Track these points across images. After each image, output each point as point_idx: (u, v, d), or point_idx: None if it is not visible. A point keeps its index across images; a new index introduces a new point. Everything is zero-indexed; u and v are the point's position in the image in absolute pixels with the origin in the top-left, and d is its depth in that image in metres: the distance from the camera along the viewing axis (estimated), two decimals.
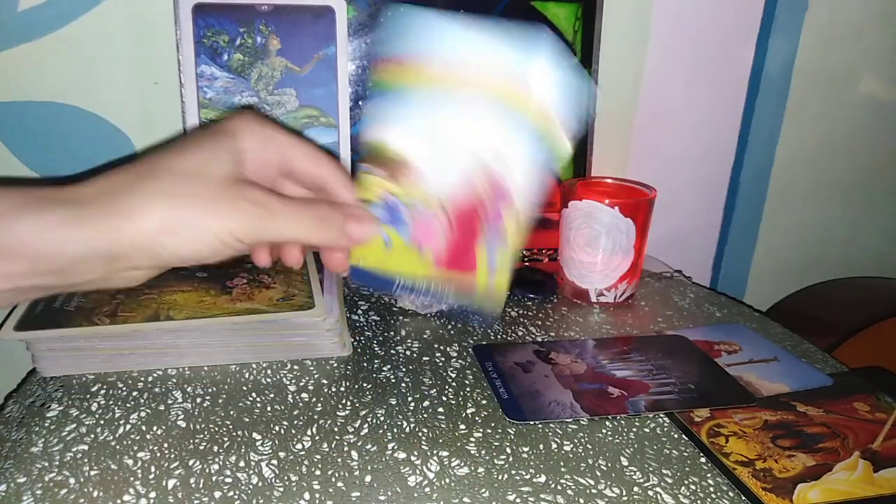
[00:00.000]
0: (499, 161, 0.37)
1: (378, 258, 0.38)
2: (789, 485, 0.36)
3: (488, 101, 0.36)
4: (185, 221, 0.31)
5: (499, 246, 0.38)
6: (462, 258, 0.38)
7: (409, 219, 0.38)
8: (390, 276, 0.39)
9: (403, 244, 0.38)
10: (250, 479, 0.34)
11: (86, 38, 0.58)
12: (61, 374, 0.43)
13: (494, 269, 0.38)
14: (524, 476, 0.35)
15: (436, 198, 0.38)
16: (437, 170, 0.37)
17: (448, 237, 0.38)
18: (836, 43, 0.76)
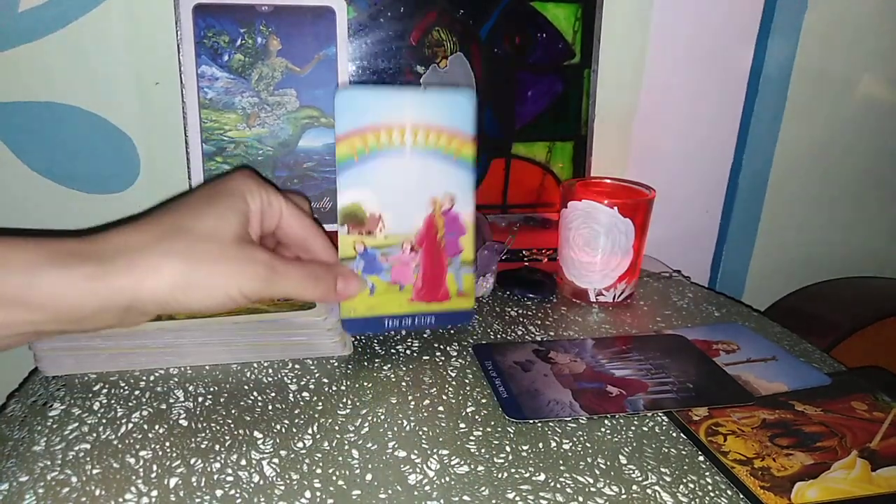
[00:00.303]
0: (451, 197, 0.47)
1: (366, 305, 0.46)
2: (787, 483, 0.36)
3: (432, 152, 0.46)
4: (199, 280, 0.35)
5: (462, 271, 0.48)
6: (436, 289, 0.48)
7: (386, 263, 0.46)
8: (379, 319, 0.47)
9: (385, 286, 0.46)
10: (252, 477, 0.34)
11: (86, 39, 0.59)
12: (63, 374, 0.43)
13: (462, 291, 0.48)
14: (524, 474, 0.36)
15: (405, 240, 0.46)
16: (403, 217, 0.46)
17: (420, 272, 0.47)
18: (836, 43, 0.76)
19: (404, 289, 0.47)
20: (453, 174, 0.47)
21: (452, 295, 0.48)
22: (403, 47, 0.63)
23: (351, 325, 0.47)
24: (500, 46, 0.65)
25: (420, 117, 0.45)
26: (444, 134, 0.46)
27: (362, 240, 0.45)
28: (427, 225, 0.47)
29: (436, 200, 0.46)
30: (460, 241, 0.47)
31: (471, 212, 0.47)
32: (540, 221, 0.69)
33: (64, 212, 0.63)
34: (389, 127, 0.45)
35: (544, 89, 0.67)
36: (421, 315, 0.48)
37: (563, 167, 0.70)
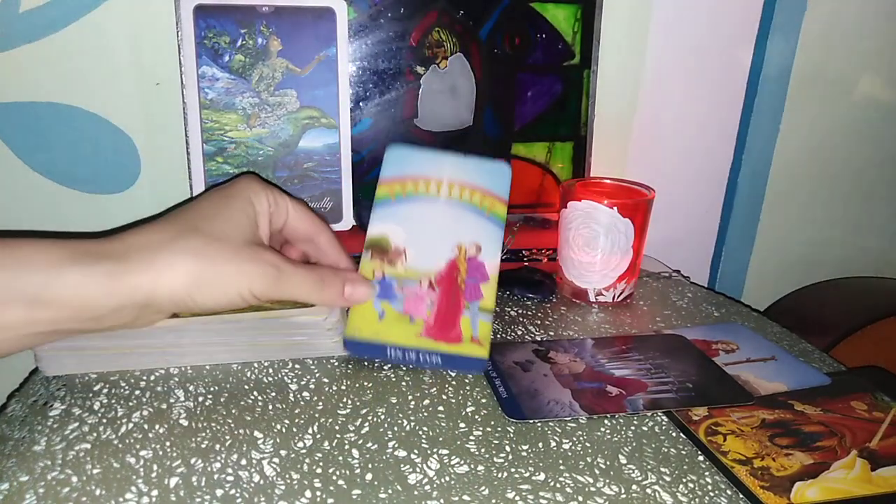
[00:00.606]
0: (476, 245, 0.47)
1: (372, 329, 0.45)
2: (787, 483, 0.36)
3: (465, 205, 0.48)
4: (213, 278, 0.36)
5: (480, 316, 0.46)
6: (448, 328, 0.45)
7: (401, 293, 0.46)
8: (383, 345, 0.45)
9: (396, 315, 0.45)
10: (252, 477, 0.35)
11: (87, 39, 0.59)
12: (64, 374, 0.43)
13: (476, 337, 0.45)
14: (523, 474, 0.36)
15: (425, 276, 0.46)
16: (427, 255, 0.46)
17: (435, 308, 0.46)
18: (835, 44, 0.76)
19: (415, 321, 0.45)
20: (483, 226, 0.47)
21: (465, 339, 0.45)
22: (403, 48, 0.63)
23: (352, 347, 0.45)
24: (500, 47, 0.65)
25: (459, 175, 0.48)
26: (479, 192, 0.48)
27: (382, 267, 0.46)
28: (449, 266, 0.46)
29: (461, 246, 0.47)
30: (482, 287, 0.46)
31: (496, 263, 0.47)
32: (540, 221, 0.69)
33: (64, 212, 0.63)
34: (428, 179, 0.48)
35: (544, 89, 0.67)
36: (426, 352, 0.45)
37: (562, 167, 0.70)
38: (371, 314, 0.45)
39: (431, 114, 0.65)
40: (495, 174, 0.49)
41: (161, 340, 0.44)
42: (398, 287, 0.46)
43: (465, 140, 0.66)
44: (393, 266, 0.46)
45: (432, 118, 0.65)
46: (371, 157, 0.64)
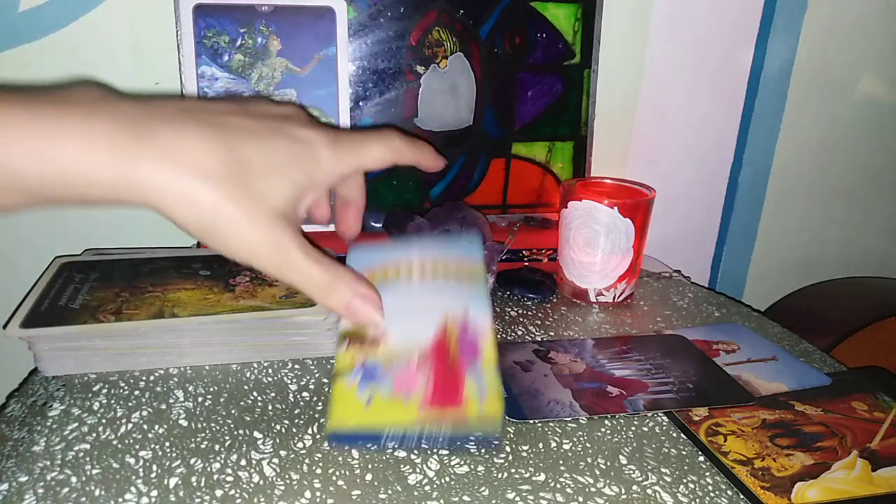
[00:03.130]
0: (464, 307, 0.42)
1: (359, 418, 0.36)
2: (787, 483, 0.36)
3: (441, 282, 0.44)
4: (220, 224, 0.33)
5: (484, 374, 0.38)
6: (450, 393, 0.38)
7: (389, 375, 0.38)
8: (375, 432, 0.37)
9: (386, 398, 0.37)
10: (251, 477, 0.34)
11: (87, 39, 0.59)
12: (63, 374, 0.43)
13: (485, 395, 0.37)
14: (523, 474, 0.36)
15: (414, 352, 0.39)
16: (411, 333, 0.40)
17: (431, 378, 0.38)
18: (836, 43, 0.76)
19: (410, 399, 0.37)
20: (464, 292, 0.43)
21: (472, 400, 0.37)
22: (403, 47, 0.63)
23: (338, 439, 0.37)
24: (500, 46, 0.65)
25: (428, 255, 0.45)
26: (453, 264, 0.45)
27: (362, 353, 0.39)
28: (437, 337, 0.40)
29: (447, 314, 0.41)
30: (480, 343, 0.40)
31: (488, 319, 0.41)
32: (540, 221, 0.69)
33: (63, 212, 0.63)
34: (398, 265, 0.44)
35: (544, 89, 0.67)
36: (430, 431, 0.36)
37: (563, 167, 0.70)
38: (355, 404, 0.37)
39: (431, 113, 0.65)
40: (466, 243, 0.47)
41: (161, 340, 0.44)
42: (383, 370, 0.38)
43: (465, 139, 0.66)
44: (374, 351, 0.39)
45: (432, 118, 0.65)
46: None
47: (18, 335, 0.41)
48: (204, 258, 0.53)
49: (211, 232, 0.33)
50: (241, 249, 0.34)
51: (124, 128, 0.31)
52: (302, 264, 0.36)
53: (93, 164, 0.30)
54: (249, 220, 0.33)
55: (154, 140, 0.31)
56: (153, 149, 0.31)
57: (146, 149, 0.31)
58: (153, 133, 0.32)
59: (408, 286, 0.43)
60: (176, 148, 0.32)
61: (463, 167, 0.67)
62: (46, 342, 0.42)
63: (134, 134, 0.31)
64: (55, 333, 0.42)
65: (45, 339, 0.42)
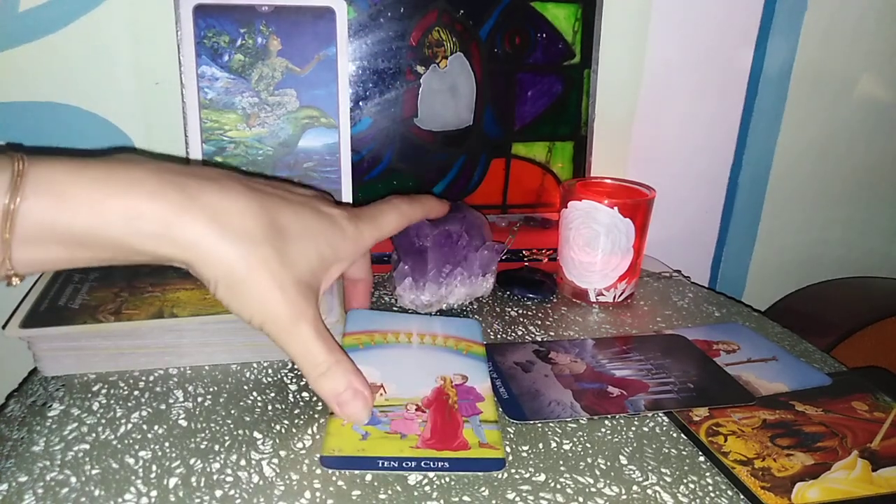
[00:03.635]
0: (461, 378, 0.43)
1: (355, 448, 0.36)
2: (788, 483, 0.36)
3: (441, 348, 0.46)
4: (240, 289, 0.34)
5: (483, 428, 0.39)
6: (450, 440, 0.37)
7: (385, 418, 0.39)
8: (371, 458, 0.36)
9: (382, 435, 0.37)
10: (251, 477, 0.34)
11: (86, 39, 0.58)
12: (62, 374, 0.43)
13: (486, 444, 0.37)
14: (524, 475, 0.36)
15: (410, 402, 0.40)
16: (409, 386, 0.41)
17: (429, 424, 0.38)
18: (836, 43, 0.76)
19: (407, 437, 0.37)
20: (463, 362, 0.45)
21: (473, 446, 0.37)
22: (403, 47, 0.63)
23: (331, 463, 0.36)
24: (500, 46, 0.65)
25: (429, 328, 0.48)
26: (452, 338, 0.48)
27: None
28: (436, 392, 0.41)
29: (446, 377, 0.43)
30: (478, 405, 0.41)
31: (488, 386, 0.42)
32: (540, 221, 0.69)
33: None
34: (398, 331, 0.47)
35: (544, 89, 0.67)
36: (429, 459, 0.36)
37: (563, 167, 0.70)
38: (352, 436, 0.37)
39: (431, 113, 0.65)
40: (466, 326, 0.50)
41: (160, 340, 0.44)
42: (380, 413, 0.39)
43: (465, 139, 0.66)
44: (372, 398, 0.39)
45: (432, 118, 0.65)
46: (371, 157, 0.64)
47: (18, 335, 0.41)
48: None
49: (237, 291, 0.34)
50: (260, 312, 0.35)
51: (170, 184, 0.32)
52: (309, 339, 0.36)
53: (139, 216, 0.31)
54: (276, 287, 0.34)
55: (199, 198, 0.33)
56: (199, 207, 0.32)
57: (191, 206, 0.32)
58: (198, 191, 0.33)
59: (407, 349, 0.45)
60: (220, 207, 0.33)
61: (463, 167, 0.67)
62: (46, 342, 0.42)
63: (180, 191, 0.32)
64: (55, 333, 0.42)
65: (45, 339, 0.42)
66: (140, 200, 0.31)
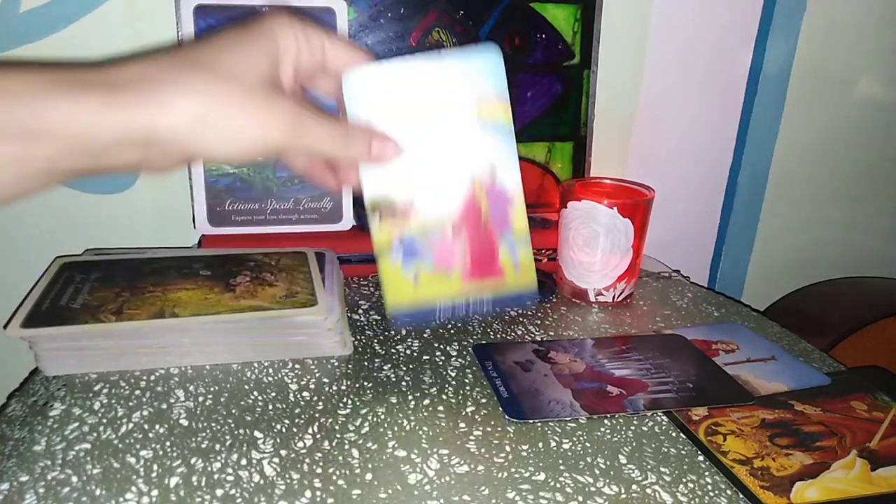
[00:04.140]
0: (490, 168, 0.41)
1: (411, 296, 0.41)
2: (787, 483, 0.36)
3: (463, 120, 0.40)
4: (221, 120, 0.32)
5: (517, 244, 0.42)
6: (488, 266, 0.42)
7: (428, 249, 0.41)
8: (428, 307, 0.41)
9: (430, 275, 0.41)
10: (252, 477, 0.35)
11: (87, 39, 0.59)
12: (64, 374, 0.43)
13: (519, 265, 0.42)
14: (523, 474, 0.36)
15: (446, 222, 0.41)
16: (439, 199, 0.41)
17: (468, 251, 0.41)
18: (835, 44, 0.76)
19: (452, 274, 0.41)
20: (489, 142, 0.41)
21: (509, 270, 0.42)
22: (403, 48, 0.63)
23: (400, 319, 0.42)
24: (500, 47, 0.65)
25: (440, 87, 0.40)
26: (473, 100, 0.41)
27: (399, 226, 0.41)
28: (467, 205, 0.41)
29: (475, 178, 0.41)
30: (509, 212, 0.42)
31: (516, 180, 0.42)
32: (540, 221, 0.69)
33: (64, 212, 0.63)
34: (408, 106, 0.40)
35: (544, 90, 0.67)
36: (475, 298, 0.42)
37: (562, 167, 0.70)
38: (405, 283, 0.41)
39: None
40: (484, 65, 0.40)
41: (161, 340, 0.44)
42: (421, 243, 0.41)
43: None
44: (408, 223, 0.41)
45: None
46: None
47: (19, 335, 0.41)
48: (204, 258, 0.53)
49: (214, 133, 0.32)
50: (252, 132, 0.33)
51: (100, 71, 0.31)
52: (315, 125, 0.35)
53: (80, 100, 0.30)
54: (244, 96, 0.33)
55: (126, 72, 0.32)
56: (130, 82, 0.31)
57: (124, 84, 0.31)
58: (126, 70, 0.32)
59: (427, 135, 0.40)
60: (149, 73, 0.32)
61: None
62: (47, 342, 0.42)
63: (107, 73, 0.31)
64: (56, 333, 0.42)
65: (46, 339, 0.42)
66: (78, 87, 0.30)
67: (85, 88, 0.30)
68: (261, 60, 0.34)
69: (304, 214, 0.62)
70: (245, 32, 0.35)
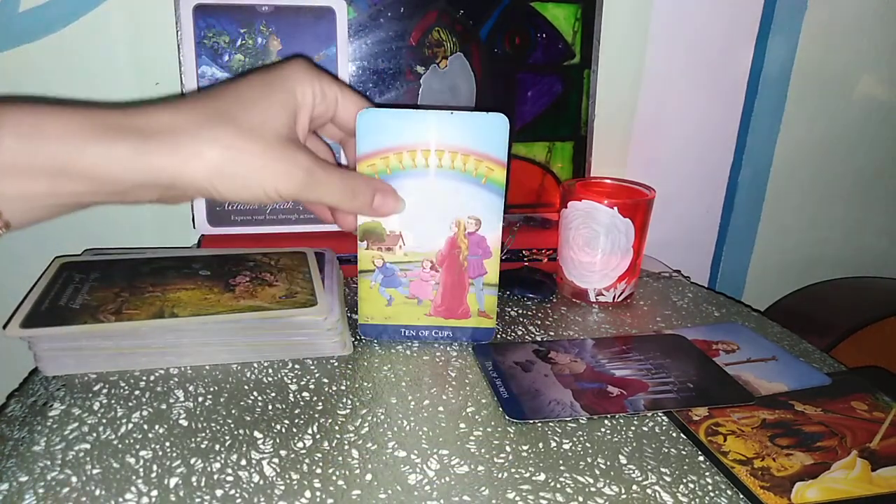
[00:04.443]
0: (475, 223, 0.46)
1: (382, 314, 0.48)
2: (787, 483, 0.36)
3: (458, 175, 0.45)
4: (240, 172, 0.35)
5: (485, 291, 0.48)
6: (455, 306, 0.48)
7: (405, 278, 0.47)
8: (395, 327, 0.48)
9: (403, 299, 0.47)
10: (251, 477, 0.34)
11: (87, 39, 0.59)
12: (63, 374, 0.43)
13: (483, 310, 0.48)
14: (524, 474, 0.36)
15: (426, 258, 0.46)
16: (425, 236, 0.46)
17: (441, 287, 0.47)
18: (835, 43, 0.76)
19: (422, 303, 0.48)
20: (481, 198, 0.45)
21: (473, 314, 0.48)
22: (403, 47, 0.63)
23: (366, 330, 0.48)
24: (500, 46, 0.65)
25: (446, 139, 0.44)
26: (472, 157, 0.44)
27: (381, 255, 0.46)
28: (449, 245, 0.46)
29: (460, 222, 0.46)
30: (485, 263, 0.47)
31: (498, 236, 0.46)
32: (540, 221, 0.69)
33: None
34: (413, 148, 0.44)
35: (544, 89, 0.67)
36: (438, 328, 0.49)
37: (562, 167, 0.70)
38: (380, 301, 0.47)
39: None
40: (490, 129, 0.44)
41: (160, 340, 0.44)
42: (401, 273, 0.47)
43: None
44: (392, 252, 0.46)
45: None
46: None
47: (18, 335, 0.41)
48: (204, 258, 0.53)
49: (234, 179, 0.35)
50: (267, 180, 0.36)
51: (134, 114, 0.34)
52: (325, 178, 0.38)
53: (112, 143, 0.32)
54: (263, 150, 0.35)
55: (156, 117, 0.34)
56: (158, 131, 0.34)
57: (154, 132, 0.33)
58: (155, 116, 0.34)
59: (423, 178, 0.44)
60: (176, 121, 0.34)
61: None
62: (47, 342, 0.42)
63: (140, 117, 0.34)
64: (55, 333, 0.42)
65: (46, 339, 0.42)
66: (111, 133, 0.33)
67: (118, 134, 0.33)
68: (280, 114, 0.37)
69: (304, 214, 0.62)
70: (267, 85, 0.38)
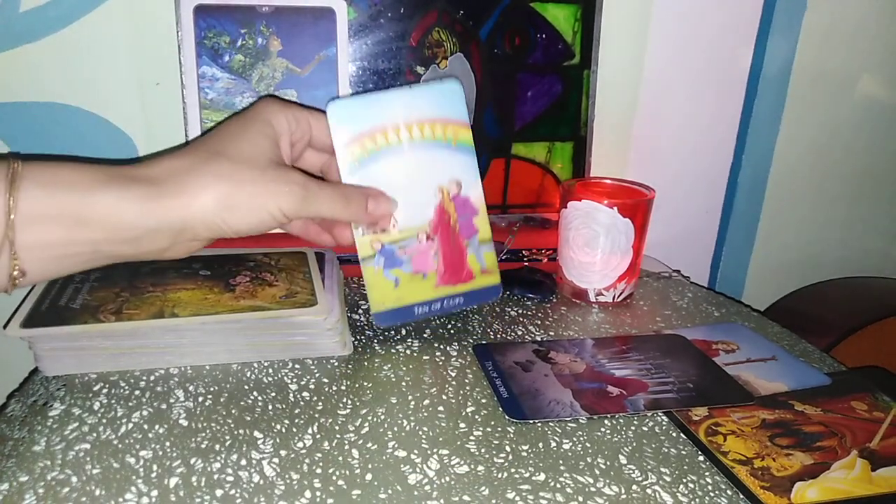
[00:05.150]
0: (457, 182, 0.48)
1: (393, 297, 0.48)
2: (787, 483, 0.36)
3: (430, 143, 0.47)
4: (242, 200, 0.37)
5: (482, 248, 0.49)
6: (458, 270, 0.49)
7: (405, 255, 0.47)
8: (408, 307, 0.48)
9: (409, 277, 0.48)
10: (252, 477, 0.35)
11: (87, 39, 0.59)
12: (63, 374, 0.43)
13: (485, 267, 0.50)
14: (523, 474, 0.36)
15: (420, 231, 0.47)
16: (414, 209, 0.47)
17: (441, 255, 0.48)
18: (835, 43, 0.76)
19: (428, 276, 0.48)
20: (455, 160, 0.47)
21: (476, 274, 0.49)
22: (403, 48, 0.63)
23: (382, 318, 0.48)
24: (500, 47, 0.65)
25: (412, 114, 0.46)
26: (439, 124, 0.47)
27: (378, 238, 0.46)
28: (438, 213, 0.47)
29: (443, 188, 0.47)
30: (474, 221, 0.49)
31: (479, 193, 0.48)
32: (540, 221, 0.69)
33: None
34: (384, 128, 0.46)
35: (544, 90, 0.67)
36: (449, 297, 0.49)
37: (562, 167, 0.70)
38: (387, 285, 0.47)
39: None
40: (448, 96, 0.47)
41: (161, 340, 0.44)
42: (400, 251, 0.47)
43: None
44: (386, 233, 0.47)
45: None
46: None
47: (19, 335, 0.41)
48: (204, 258, 0.53)
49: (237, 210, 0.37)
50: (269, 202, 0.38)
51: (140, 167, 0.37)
52: (320, 190, 0.40)
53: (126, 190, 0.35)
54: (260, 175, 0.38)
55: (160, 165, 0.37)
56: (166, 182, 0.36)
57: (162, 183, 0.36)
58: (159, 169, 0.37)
59: (399, 154, 0.46)
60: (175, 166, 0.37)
61: None
62: (47, 342, 0.42)
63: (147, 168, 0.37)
64: (55, 333, 0.42)
65: (46, 339, 0.42)
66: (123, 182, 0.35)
67: (128, 182, 0.35)
68: (264, 143, 0.40)
69: None
70: (245, 122, 0.41)
